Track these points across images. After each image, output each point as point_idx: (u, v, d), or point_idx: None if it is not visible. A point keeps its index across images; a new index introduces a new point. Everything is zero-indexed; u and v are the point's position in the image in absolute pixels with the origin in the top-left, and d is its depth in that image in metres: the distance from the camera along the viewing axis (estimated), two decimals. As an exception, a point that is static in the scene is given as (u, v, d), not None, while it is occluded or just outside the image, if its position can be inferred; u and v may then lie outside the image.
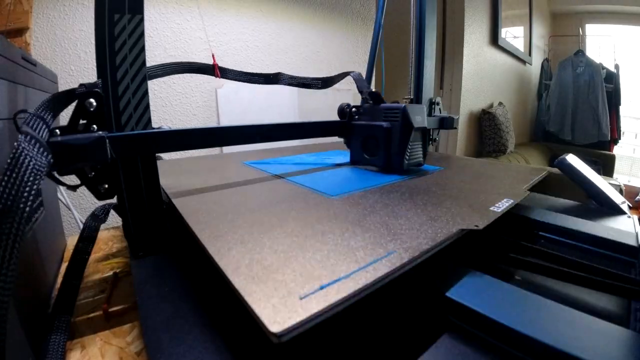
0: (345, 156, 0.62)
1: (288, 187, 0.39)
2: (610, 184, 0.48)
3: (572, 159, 0.51)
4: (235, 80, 0.56)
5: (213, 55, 0.57)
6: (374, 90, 0.50)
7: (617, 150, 2.63)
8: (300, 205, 0.32)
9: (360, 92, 0.56)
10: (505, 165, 0.54)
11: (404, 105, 0.45)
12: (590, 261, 0.27)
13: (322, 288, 0.17)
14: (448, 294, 0.22)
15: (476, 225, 0.26)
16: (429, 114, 0.74)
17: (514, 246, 0.31)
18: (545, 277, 0.27)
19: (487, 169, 0.52)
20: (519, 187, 0.40)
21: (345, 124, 0.53)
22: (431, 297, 0.23)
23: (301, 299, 0.16)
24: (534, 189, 0.43)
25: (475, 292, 0.22)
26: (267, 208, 0.31)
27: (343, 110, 0.53)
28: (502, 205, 0.32)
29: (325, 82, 0.60)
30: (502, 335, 0.19)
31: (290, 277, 0.18)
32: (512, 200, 0.33)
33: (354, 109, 0.52)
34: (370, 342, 0.21)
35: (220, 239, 0.24)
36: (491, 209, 0.30)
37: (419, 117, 0.46)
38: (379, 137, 0.47)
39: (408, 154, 0.46)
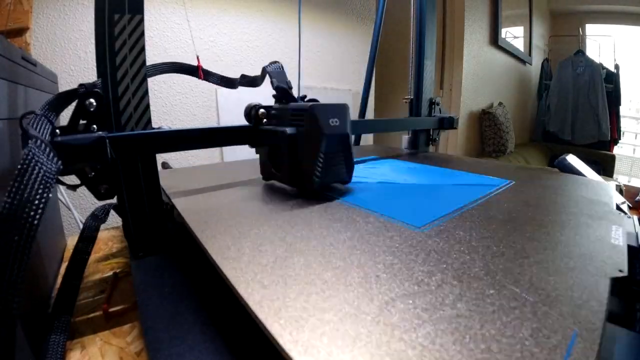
0: (391, 164, 0.56)
1: (350, 213, 0.30)
2: (610, 184, 0.48)
3: (572, 159, 0.51)
4: (215, 84, 0.55)
5: (198, 57, 0.57)
6: (285, 86, 0.40)
7: (617, 150, 2.63)
8: (379, 243, 0.24)
9: (272, 86, 0.42)
10: (561, 175, 0.47)
11: (310, 104, 0.35)
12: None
13: None
14: None
15: (620, 270, 0.21)
16: (429, 114, 0.74)
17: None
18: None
19: (548, 179, 0.44)
20: (603, 205, 0.34)
21: (251, 130, 0.40)
22: None
23: None
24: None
25: None
26: (338, 248, 0.23)
27: (250, 112, 0.40)
28: (619, 236, 0.26)
29: (252, 82, 0.53)
30: None
31: None
32: (621, 227, 0.28)
33: (262, 111, 0.40)
34: None
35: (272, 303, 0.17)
36: (613, 242, 0.24)
37: (335, 121, 0.35)
38: (282, 146, 0.36)
39: (319, 170, 0.34)
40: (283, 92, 0.39)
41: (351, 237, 0.25)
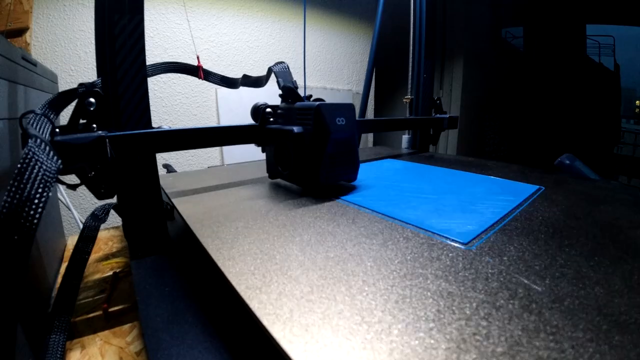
0: (404, 165, 0.54)
1: (383, 226, 0.28)
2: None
3: (572, 159, 0.51)
4: (215, 84, 0.56)
5: (198, 57, 0.57)
6: (292, 86, 0.41)
7: (617, 150, 2.63)
8: (421, 269, 0.21)
9: (279, 86, 0.42)
10: (588, 181, 0.44)
11: (317, 103, 0.34)
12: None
13: None
14: None
15: None
16: (429, 114, 0.74)
17: None
18: None
19: (576, 183, 0.42)
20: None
21: (258, 129, 0.40)
22: None
23: None
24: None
25: None
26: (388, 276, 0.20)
27: (256, 112, 0.41)
28: None
29: (256, 82, 0.54)
30: None
31: None
32: None
33: (268, 110, 0.40)
34: None
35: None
36: None
37: (342, 120, 0.35)
38: (289, 145, 0.36)
39: (326, 168, 0.34)
40: (289, 91, 0.39)
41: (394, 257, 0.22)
